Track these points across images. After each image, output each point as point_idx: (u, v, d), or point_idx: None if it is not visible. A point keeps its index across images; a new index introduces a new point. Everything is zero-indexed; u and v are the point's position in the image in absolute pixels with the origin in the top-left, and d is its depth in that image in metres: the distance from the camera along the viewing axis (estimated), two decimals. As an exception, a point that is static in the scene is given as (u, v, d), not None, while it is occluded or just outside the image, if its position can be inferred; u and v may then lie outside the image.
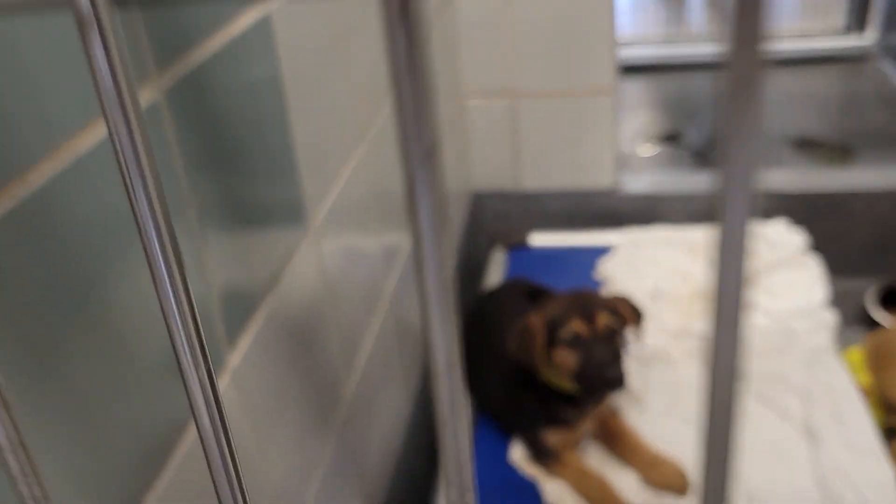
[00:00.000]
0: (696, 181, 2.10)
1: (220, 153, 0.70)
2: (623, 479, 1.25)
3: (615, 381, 1.19)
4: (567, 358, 1.23)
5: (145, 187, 0.33)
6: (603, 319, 1.22)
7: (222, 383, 0.68)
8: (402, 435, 1.34)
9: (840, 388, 1.35)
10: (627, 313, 1.27)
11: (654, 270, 1.80)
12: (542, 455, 1.30)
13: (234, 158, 0.72)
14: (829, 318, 1.52)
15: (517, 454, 1.34)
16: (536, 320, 1.25)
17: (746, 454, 1.26)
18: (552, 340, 1.23)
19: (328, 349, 0.99)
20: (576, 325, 1.22)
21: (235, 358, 0.71)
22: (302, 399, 0.89)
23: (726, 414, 0.29)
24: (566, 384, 1.25)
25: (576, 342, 1.22)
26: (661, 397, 1.41)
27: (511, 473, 1.31)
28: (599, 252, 1.89)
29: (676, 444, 1.30)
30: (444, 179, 0.28)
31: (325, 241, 0.96)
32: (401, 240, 1.34)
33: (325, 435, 0.97)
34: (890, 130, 2.77)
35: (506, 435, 1.39)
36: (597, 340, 1.21)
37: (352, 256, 1.08)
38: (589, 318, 1.22)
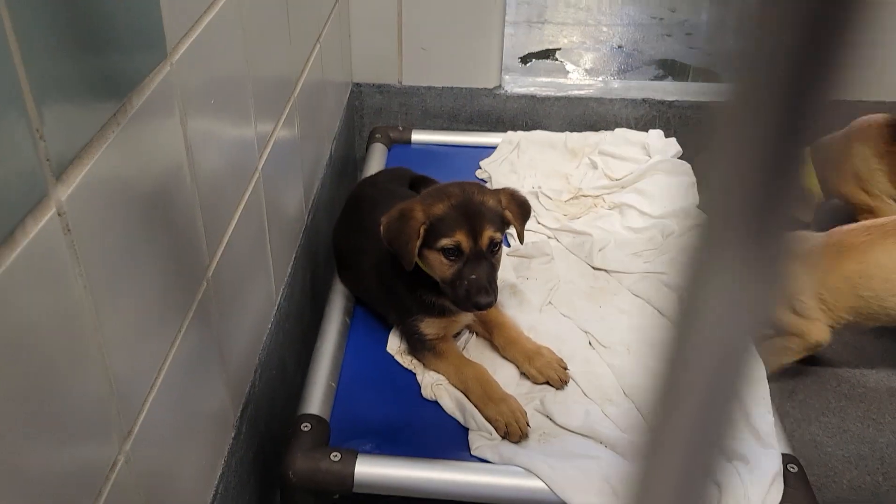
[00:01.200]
0: (579, 87, 2.07)
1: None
2: (501, 371, 1.22)
3: (485, 306, 1.13)
4: (442, 267, 1.15)
5: None
6: (488, 235, 1.14)
7: (44, 215, 0.56)
8: (270, 325, 1.24)
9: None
10: (514, 211, 1.21)
11: (534, 171, 1.77)
12: (418, 346, 1.24)
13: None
14: (702, 219, 1.55)
15: (394, 345, 1.28)
16: (418, 211, 1.16)
17: (624, 350, 1.26)
18: (430, 240, 1.15)
19: (188, 221, 0.86)
20: (459, 237, 1.13)
21: (62, 192, 0.59)
22: (156, 269, 0.77)
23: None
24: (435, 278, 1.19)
25: (455, 255, 1.14)
26: (539, 292, 1.39)
27: (389, 364, 1.25)
28: (481, 151, 1.83)
29: (554, 336, 1.28)
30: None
31: (187, 87, 0.83)
32: (270, 126, 1.21)
33: (182, 312, 0.86)
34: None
35: (383, 324, 1.32)
36: (477, 258, 1.13)
37: (216, 119, 0.95)
38: (475, 235, 1.13)
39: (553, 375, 1.20)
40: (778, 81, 0.17)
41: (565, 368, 1.21)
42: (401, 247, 1.16)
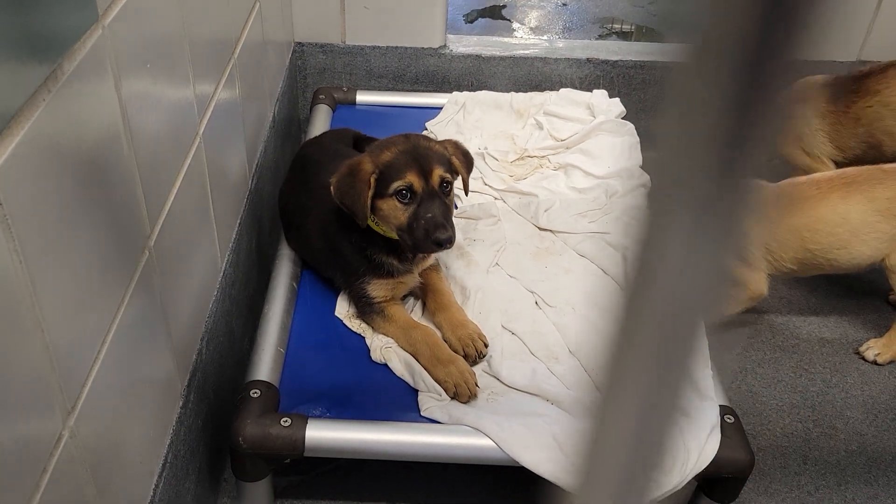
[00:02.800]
0: (524, 46, 2.07)
1: None
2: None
3: (445, 242, 1.14)
4: (396, 213, 1.15)
5: None
6: (438, 173, 1.15)
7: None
8: (216, 292, 1.22)
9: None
10: (459, 159, 1.23)
11: (480, 131, 1.77)
12: (366, 309, 1.24)
13: None
14: (646, 179, 1.58)
15: (342, 309, 1.28)
16: (366, 162, 1.16)
17: (570, 309, 1.28)
18: (382, 188, 1.15)
19: (127, 189, 0.84)
20: (411, 178, 1.13)
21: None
22: (95, 240, 0.75)
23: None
24: (391, 234, 1.19)
25: (409, 197, 1.14)
26: (486, 253, 1.40)
27: (337, 328, 1.25)
28: (427, 112, 1.82)
29: (501, 296, 1.30)
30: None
31: (121, 51, 0.79)
32: (210, 88, 1.18)
33: (124, 282, 0.84)
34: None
35: (331, 288, 1.31)
36: (430, 197, 1.14)
37: (153, 83, 0.92)
38: (425, 175, 1.14)
39: (471, 350, 1.18)
40: (738, 39, 0.17)
41: (486, 346, 1.19)
42: (353, 201, 1.15)
